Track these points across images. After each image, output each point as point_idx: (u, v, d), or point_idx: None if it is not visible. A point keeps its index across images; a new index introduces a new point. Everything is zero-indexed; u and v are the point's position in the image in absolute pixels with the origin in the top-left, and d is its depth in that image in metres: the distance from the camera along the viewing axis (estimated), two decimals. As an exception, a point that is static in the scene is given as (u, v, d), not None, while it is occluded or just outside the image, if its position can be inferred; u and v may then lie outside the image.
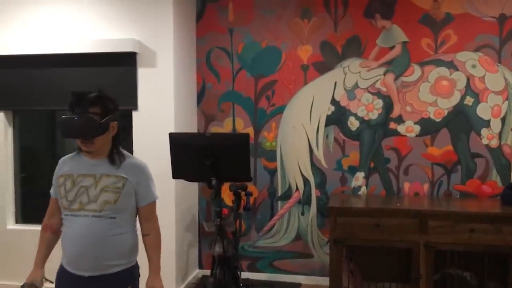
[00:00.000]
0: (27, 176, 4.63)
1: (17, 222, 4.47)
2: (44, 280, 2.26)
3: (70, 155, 2.29)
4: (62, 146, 5.16)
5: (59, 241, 2.27)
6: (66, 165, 2.24)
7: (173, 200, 4.09)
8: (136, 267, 2.29)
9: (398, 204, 3.94)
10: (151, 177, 2.29)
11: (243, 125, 4.56)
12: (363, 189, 4.39)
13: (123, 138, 2.31)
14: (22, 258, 4.21)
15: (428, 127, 4.24)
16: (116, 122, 2.20)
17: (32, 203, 4.63)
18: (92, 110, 2.09)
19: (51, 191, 2.30)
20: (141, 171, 2.23)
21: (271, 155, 4.54)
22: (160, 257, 2.30)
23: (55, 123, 5.20)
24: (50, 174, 2.32)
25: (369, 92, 4.31)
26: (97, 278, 2.14)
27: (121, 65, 4.07)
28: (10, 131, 4.43)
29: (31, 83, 4.25)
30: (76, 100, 2.09)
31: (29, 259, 2.24)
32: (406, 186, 4.32)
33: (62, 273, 2.22)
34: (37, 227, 4.15)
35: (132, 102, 4.07)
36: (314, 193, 4.49)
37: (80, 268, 2.15)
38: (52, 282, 2.25)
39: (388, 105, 4.28)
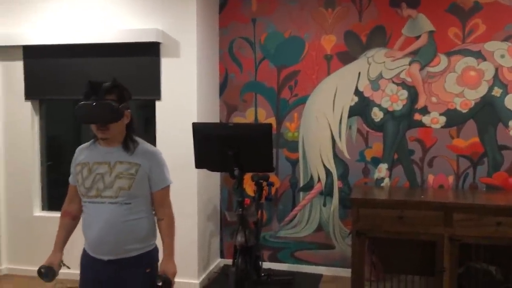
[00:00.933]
0: (53, 165, 4.72)
1: (43, 209, 4.57)
2: (62, 264, 2.31)
3: (86, 144, 2.35)
4: (87, 135, 5.23)
5: (80, 226, 2.32)
6: (82, 153, 2.31)
7: (195, 190, 4.11)
8: (154, 251, 2.35)
9: (422, 196, 3.89)
10: (164, 162, 2.33)
11: (265, 116, 4.55)
12: (386, 180, 4.34)
13: (146, 129, 2.35)
14: (48, 244, 4.28)
15: (454, 119, 4.16)
16: (129, 110, 2.26)
17: (58, 191, 4.72)
18: (108, 97, 2.15)
19: (70, 178, 2.38)
20: (154, 157, 2.27)
21: (293, 146, 4.52)
22: (173, 242, 2.34)
23: (80, 113, 5.28)
24: (75, 162, 2.37)
25: (393, 82, 4.24)
26: (116, 261, 2.21)
27: (144, 55, 4.09)
28: (36, 120, 4.51)
29: (57, 73, 4.32)
30: (91, 89, 2.15)
31: (52, 245, 2.30)
32: (431, 178, 4.25)
33: (85, 256, 2.31)
34: (63, 215, 4.27)
35: (155, 92, 4.10)
36: (336, 184, 4.46)
37: (99, 252, 2.22)
38: (69, 268, 2.30)
39: (413, 96, 4.21)
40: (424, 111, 4.21)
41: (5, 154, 4.50)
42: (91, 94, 2.14)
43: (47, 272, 2.26)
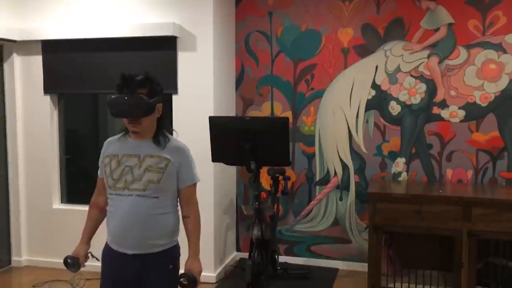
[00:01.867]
0: (71, 158, 4.78)
1: (62, 202, 4.63)
2: (89, 255, 2.33)
3: (116, 136, 2.34)
4: (104, 129, 5.30)
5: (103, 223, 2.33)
6: (111, 145, 2.30)
7: (212, 184, 4.13)
8: (177, 247, 2.34)
9: (440, 191, 3.85)
10: (193, 160, 2.32)
11: (281, 109, 4.54)
12: (404, 175, 4.30)
13: (166, 124, 2.34)
14: (66, 237, 4.36)
15: (474, 112, 4.10)
16: (161, 104, 2.24)
17: (76, 184, 4.79)
18: (139, 91, 2.13)
19: (98, 171, 2.37)
20: (184, 154, 2.26)
21: (309, 140, 4.50)
22: (199, 240, 2.33)
23: (98, 106, 5.34)
24: (93, 156, 2.38)
25: (411, 76, 4.19)
26: (140, 256, 2.20)
27: (161, 49, 4.11)
28: (55, 114, 4.56)
29: (75, 67, 4.36)
30: (124, 82, 2.14)
31: (73, 237, 2.31)
32: (449, 172, 4.20)
33: (107, 250, 2.29)
34: (81, 207, 4.34)
35: (172, 86, 4.11)
36: (353, 178, 4.43)
37: (124, 246, 2.21)
38: (98, 260, 2.32)
39: (432, 89, 4.16)
40: (443, 104, 4.15)
41: (24, 147, 4.56)
42: (123, 87, 2.13)
43: (74, 263, 2.26)
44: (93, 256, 2.31)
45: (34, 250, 4.64)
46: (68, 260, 2.26)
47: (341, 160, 4.45)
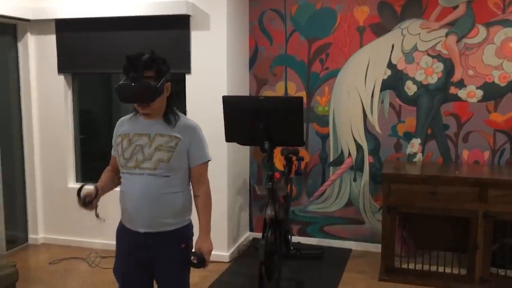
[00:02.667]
0: (85, 138, 4.81)
1: (77, 181, 4.67)
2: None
3: (127, 116, 2.34)
4: (117, 109, 5.31)
5: (116, 202, 2.33)
6: (123, 125, 2.31)
7: (225, 164, 4.13)
8: (190, 226, 2.34)
9: (456, 172, 3.80)
10: (204, 138, 2.31)
11: (295, 89, 4.49)
12: (419, 156, 4.26)
13: (176, 102, 2.32)
14: (81, 215, 4.40)
15: (492, 92, 4.01)
16: (169, 82, 2.21)
17: (90, 163, 4.82)
18: (146, 73, 2.10)
19: (112, 150, 2.38)
20: (194, 132, 2.25)
21: (323, 120, 4.47)
22: (209, 219, 2.33)
23: (111, 86, 5.34)
24: (107, 135, 2.38)
25: (428, 55, 4.11)
26: (152, 234, 2.21)
27: (175, 28, 4.07)
28: (69, 93, 4.57)
29: (88, 47, 4.35)
30: (130, 64, 2.11)
31: (87, 216, 2.31)
32: (465, 153, 4.15)
33: (121, 229, 2.32)
34: (96, 186, 4.37)
35: (185, 66, 4.09)
36: (367, 159, 4.40)
37: (136, 224, 2.22)
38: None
39: (449, 69, 4.08)
40: (460, 84, 4.07)
41: (39, 127, 4.60)
42: (129, 70, 2.11)
43: (85, 197, 2.18)
44: (98, 216, 2.25)
45: (50, 228, 4.71)
46: (81, 193, 2.18)
47: (355, 140, 4.41)
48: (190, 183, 2.33)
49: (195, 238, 2.34)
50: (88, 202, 2.16)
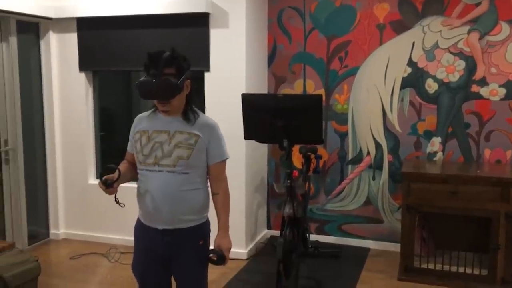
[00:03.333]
0: (106, 135, 4.86)
1: (97, 177, 4.73)
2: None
3: (146, 112, 2.36)
4: (137, 106, 5.35)
5: (135, 199, 2.34)
6: (142, 122, 2.32)
7: (243, 161, 4.14)
8: (207, 223, 2.36)
9: (478, 171, 3.75)
10: (223, 136, 2.32)
11: (313, 87, 4.47)
12: (439, 155, 4.20)
13: (195, 100, 2.32)
14: (102, 211, 4.48)
15: (515, 90, 3.94)
16: (189, 80, 2.23)
17: (110, 160, 4.87)
18: (167, 71, 2.12)
19: (128, 146, 2.39)
20: (213, 130, 2.27)
21: (342, 118, 4.44)
22: (228, 216, 2.34)
23: (131, 84, 5.39)
24: (126, 133, 2.39)
25: (450, 52, 4.05)
26: (171, 231, 2.23)
27: (194, 26, 4.09)
28: (90, 91, 4.63)
29: (109, 45, 4.40)
30: (151, 61, 2.13)
31: (107, 212, 2.34)
32: (487, 153, 4.08)
33: (139, 226, 2.34)
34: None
35: (204, 63, 4.10)
36: (386, 158, 4.36)
37: (155, 220, 2.24)
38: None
39: (471, 67, 4.02)
40: (483, 82, 4.01)
41: (61, 124, 4.67)
42: (150, 67, 2.13)
43: (106, 180, 2.16)
44: (118, 202, 2.24)
45: (71, 223, 4.78)
46: (104, 175, 2.17)
47: (374, 139, 4.37)
48: (208, 181, 2.34)
49: (212, 235, 2.35)
50: (109, 184, 2.15)
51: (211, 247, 2.33)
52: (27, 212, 4.45)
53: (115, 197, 2.23)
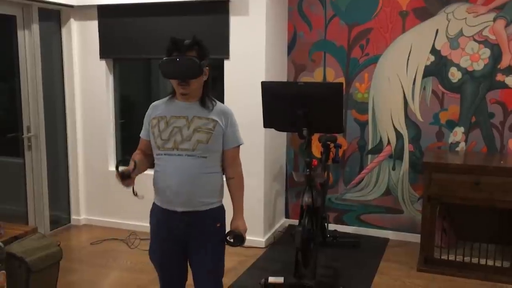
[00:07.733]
0: (125, 123, 4.89)
1: (116, 165, 4.76)
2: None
3: (161, 100, 2.39)
4: (156, 95, 5.37)
5: (151, 184, 2.34)
6: (158, 108, 2.35)
7: (262, 150, 4.13)
8: (223, 209, 2.39)
9: (502, 162, 3.67)
10: (237, 123, 2.38)
11: (334, 76, 4.42)
12: (462, 145, 4.13)
13: (215, 87, 2.36)
14: (122, 197, 4.52)
15: (542, 80, 3.84)
16: (208, 67, 2.28)
17: (130, 147, 4.91)
18: (189, 53, 2.19)
19: (142, 133, 2.41)
20: (230, 116, 2.33)
21: (362, 107, 4.39)
22: (243, 200, 2.40)
23: (150, 72, 5.40)
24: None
25: (475, 40, 3.96)
26: (189, 213, 2.26)
27: (214, 14, 4.07)
28: (110, 79, 4.66)
29: (129, 32, 4.41)
30: (174, 44, 2.20)
31: (127, 198, 2.35)
32: (511, 143, 3.99)
33: (156, 210, 2.36)
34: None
35: (224, 51, 4.09)
36: (407, 147, 4.30)
37: (174, 203, 2.26)
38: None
39: (496, 55, 3.92)
40: (508, 71, 3.91)
41: (82, 111, 4.72)
42: (173, 50, 2.19)
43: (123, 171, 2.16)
44: (136, 194, 2.21)
45: (91, 209, 4.85)
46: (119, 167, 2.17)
47: (395, 128, 4.31)
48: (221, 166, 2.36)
49: (226, 222, 2.37)
50: (126, 176, 2.16)
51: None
52: (49, 197, 4.52)
53: (133, 189, 2.22)
